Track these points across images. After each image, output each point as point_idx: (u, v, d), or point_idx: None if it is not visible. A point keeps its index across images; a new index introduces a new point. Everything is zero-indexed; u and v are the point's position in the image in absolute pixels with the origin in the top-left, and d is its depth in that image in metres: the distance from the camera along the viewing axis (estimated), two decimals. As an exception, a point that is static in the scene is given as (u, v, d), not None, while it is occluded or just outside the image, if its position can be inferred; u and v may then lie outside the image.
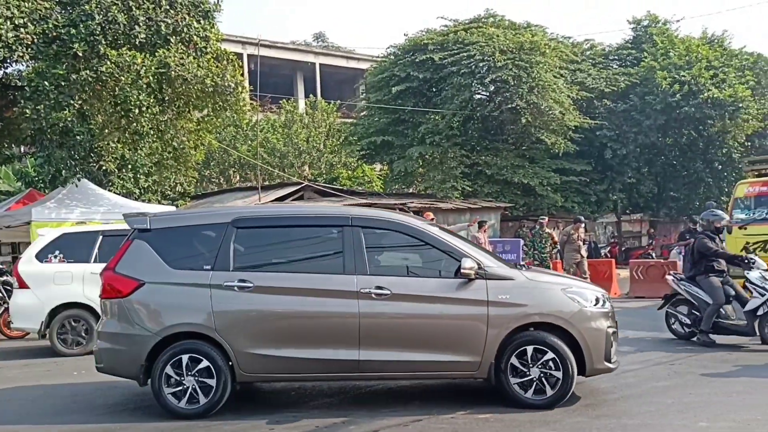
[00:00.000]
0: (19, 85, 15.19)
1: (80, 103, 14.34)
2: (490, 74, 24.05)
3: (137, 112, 14.07)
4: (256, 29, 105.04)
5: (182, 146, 16.75)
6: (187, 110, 15.88)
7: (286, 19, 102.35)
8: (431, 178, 25.19)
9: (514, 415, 5.88)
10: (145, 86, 13.99)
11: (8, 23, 13.54)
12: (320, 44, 55.28)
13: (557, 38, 28.75)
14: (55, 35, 14.00)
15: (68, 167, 15.12)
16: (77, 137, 15.19)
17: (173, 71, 14.12)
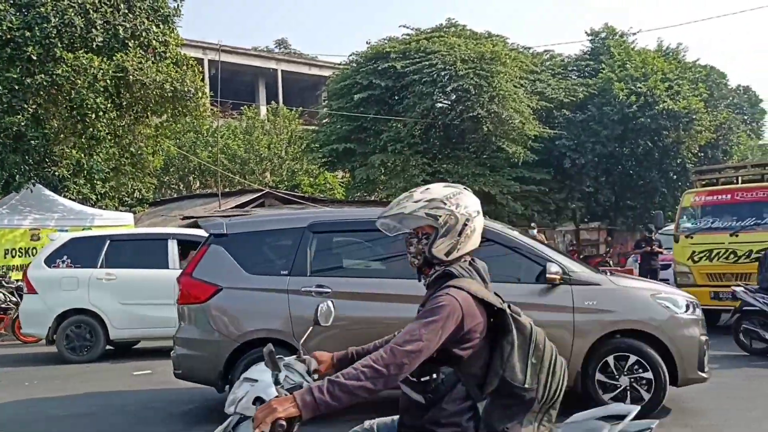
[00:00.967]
0: (-30, 88, 14.85)
1: (35, 107, 14.09)
2: (451, 83, 24.23)
3: (94, 116, 13.88)
4: (217, 35, 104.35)
5: (140, 152, 16.55)
6: (145, 115, 15.70)
7: (248, 25, 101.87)
8: (393, 185, 25.21)
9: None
10: (102, 90, 13.81)
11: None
12: (282, 51, 55.14)
13: (518, 48, 29.12)
14: (8, 38, 13.72)
15: (22, 172, 14.79)
16: (31, 142, 14.87)
17: (131, 75, 13.97)
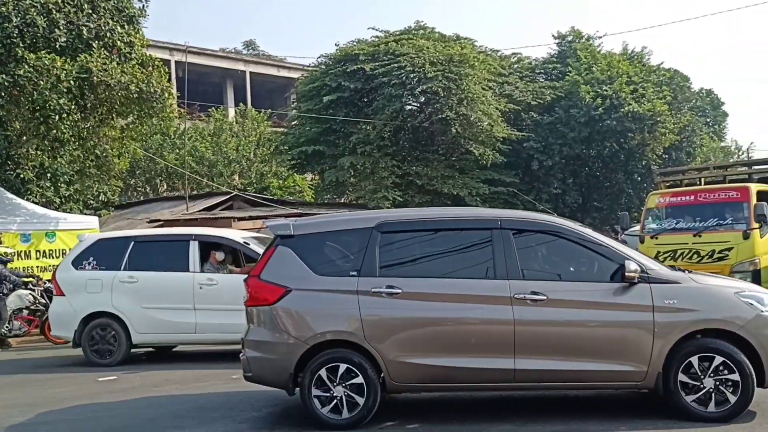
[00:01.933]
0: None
1: (-4, 108, 13.79)
2: (420, 85, 24.33)
3: (57, 118, 13.65)
4: (184, 36, 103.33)
5: (105, 154, 16.33)
6: (110, 117, 15.46)
7: (215, 26, 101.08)
8: (363, 188, 25.23)
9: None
10: (65, 91, 13.59)
11: None
12: (250, 52, 54.80)
13: (486, 51, 29.38)
14: (-32, 37, 13.44)
15: (-18, 175, 14.52)
16: (-7, 144, 14.64)
17: (95, 76, 13.76)
